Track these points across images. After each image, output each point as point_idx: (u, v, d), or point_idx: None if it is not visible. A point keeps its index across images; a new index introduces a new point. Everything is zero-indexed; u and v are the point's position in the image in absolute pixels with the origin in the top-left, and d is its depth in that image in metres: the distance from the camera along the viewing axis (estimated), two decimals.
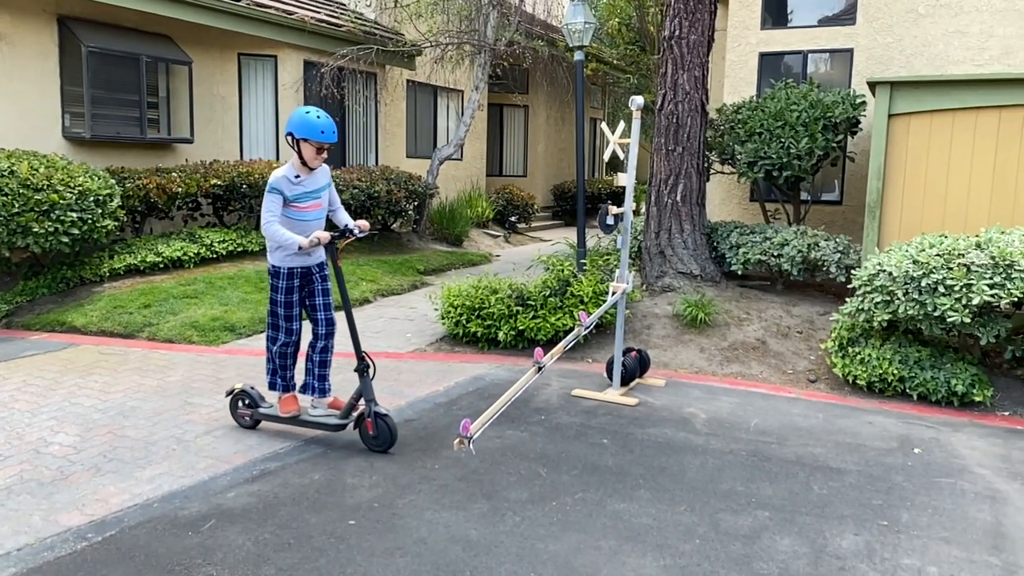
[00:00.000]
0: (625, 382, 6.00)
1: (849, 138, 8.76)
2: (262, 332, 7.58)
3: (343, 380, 5.92)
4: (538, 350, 4.77)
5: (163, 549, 3.45)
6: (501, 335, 6.87)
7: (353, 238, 4.66)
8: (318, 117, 4.48)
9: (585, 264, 7.48)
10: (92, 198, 7.90)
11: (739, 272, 8.17)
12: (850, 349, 6.12)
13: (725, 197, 10.31)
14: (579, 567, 3.36)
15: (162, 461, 4.44)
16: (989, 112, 6.86)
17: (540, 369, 4.75)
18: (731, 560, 3.45)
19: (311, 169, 4.63)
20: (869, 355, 5.95)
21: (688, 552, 3.51)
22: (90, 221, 7.87)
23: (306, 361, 4.90)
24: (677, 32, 8.03)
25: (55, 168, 7.89)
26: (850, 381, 6.05)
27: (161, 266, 8.77)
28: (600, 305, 6.91)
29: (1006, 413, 5.64)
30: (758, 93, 9.85)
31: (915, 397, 5.81)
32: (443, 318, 7.26)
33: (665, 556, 3.47)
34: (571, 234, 12.98)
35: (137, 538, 3.55)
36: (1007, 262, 5.45)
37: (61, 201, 7.63)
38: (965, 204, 7.00)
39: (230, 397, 4.97)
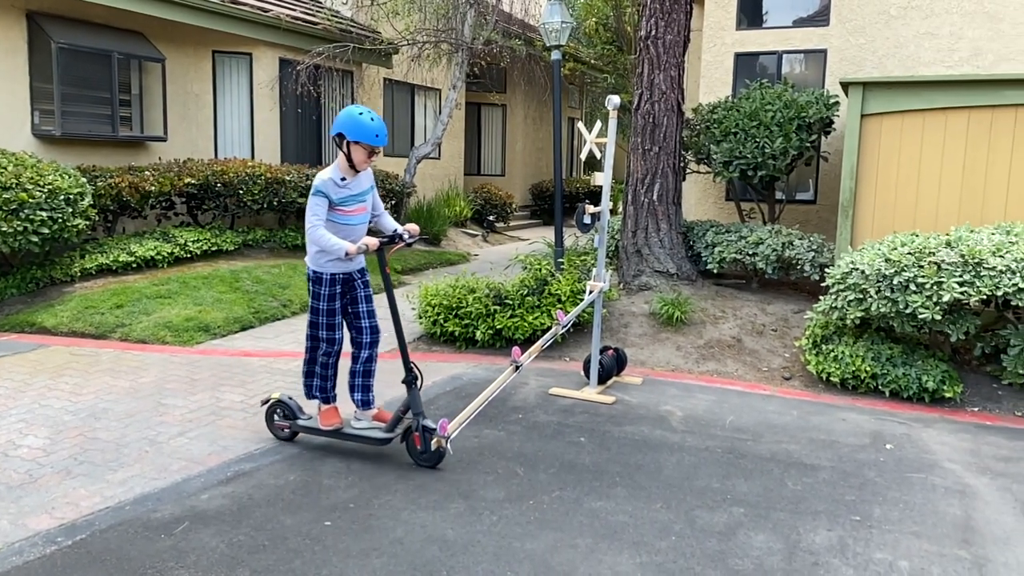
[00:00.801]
0: (602, 380, 6.02)
1: (823, 138, 8.85)
2: (236, 332, 7.52)
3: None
4: (515, 349, 4.78)
5: (135, 552, 3.41)
6: (479, 334, 6.86)
7: (403, 244, 4.47)
8: (372, 120, 4.25)
9: (563, 263, 7.49)
10: (62, 197, 7.78)
11: (715, 271, 8.22)
12: (824, 347, 6.18)
13: (701, 196, 10.37)
14: (556, 565, 3.36)
15: (134, 463, 4.38)
16: (958, 113, 6.96)
17: (517, 368, 4.76)
18: (707, 557, 3.47)
19: (356, 172, 4.41)
20: (842, 352, 6.02)
21: (664, 549, 3.53)
22: (60, 220, 7.75)
23: (349, 372, 4.66)
24: (653, 32, 8.07)
25: (24, 166, 7.76)
26: (824, 378, 6.11)
27: (134, 266, 8.66)
28: (578, 304, 6.93)
29: (975, 409, 5.73)
30: (733, 93, 9.93)
31: (887, 394, 5.89)
32: (420, 317, 7.24)
33: (641, 553, 3.48)
34: (549, 233, 13.00)
35: (108, 541, 3.50)
36: (976, 260, 5.53)
37: (30, 200, 7.50)
38: (936, 203, 7.10)
39: (266, 407, 4.73)
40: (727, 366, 6.58)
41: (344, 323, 4.64)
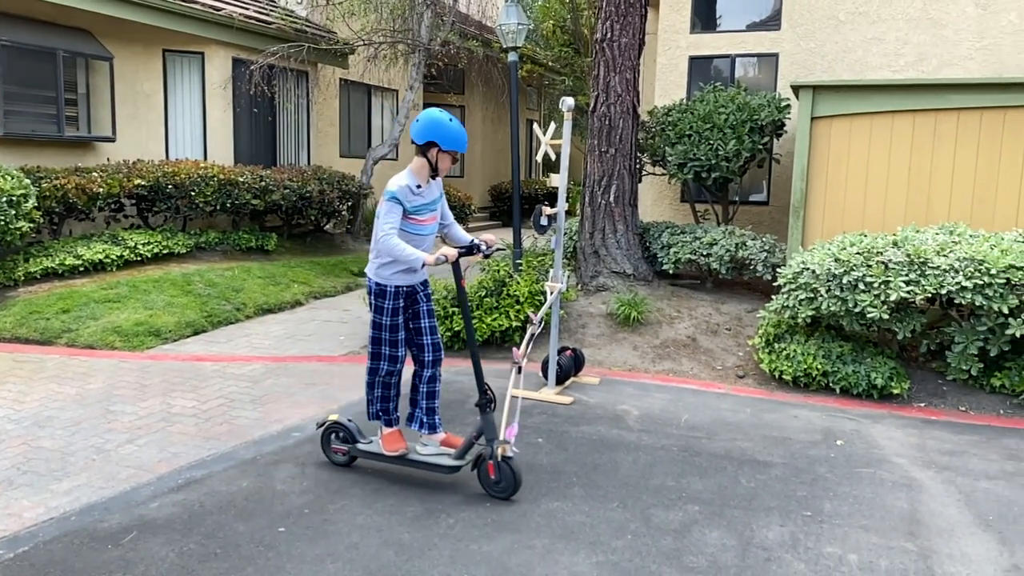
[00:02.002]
0: (560, 381, 6.04)
1: (775, 140, 9.02)
2: (188, 336, 7.37)
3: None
4: (515, 350, 4.62)
5: (80, 564, 3.32)
6: None
7: (481, 255, 4.26)
8: (458, 126, 4.04)
9: (521, 264, 7.50)
10: (4, 199, 7.53)
11: (670, 271, 8.31)
12: (776, 345, 6.29)
13: (657, 198, 10.48)
14: (512, 567, 3.36)
15: (80, 472, 4.26)
16: (904, 116, 7.15)
17: (520, 369, 4.59)
18: (662, 555, 3.50)
19: (432, 179, 4.19)
20: (794, 351, 6.13)
21: (620, 548, 3.55)
22: (2, 223, 7.51)
23: (412, 393, 4.35)
24: (608, 35, 8.13)
25: None
26: (777, 376, 6.22)
27: (81, 269, 8.43)
28: (536, 304, 6.95)
29: (922, 404, 5.88)
30: (688, 96, 10.06)
31: (838, 391, 6.01)
32: None
33: (598, 553, 3.50)
34: (508, 234, 13.00)
35: (52, 553, 3.40)
36: (921, 259, 5.69)
37: None
38: (883, 204, 7.28)
39: (322, 429, 4.43)
40: (683, 365, 6.66)
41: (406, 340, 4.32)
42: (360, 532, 3.64)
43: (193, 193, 9.59)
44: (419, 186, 4.11)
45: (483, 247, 4.25)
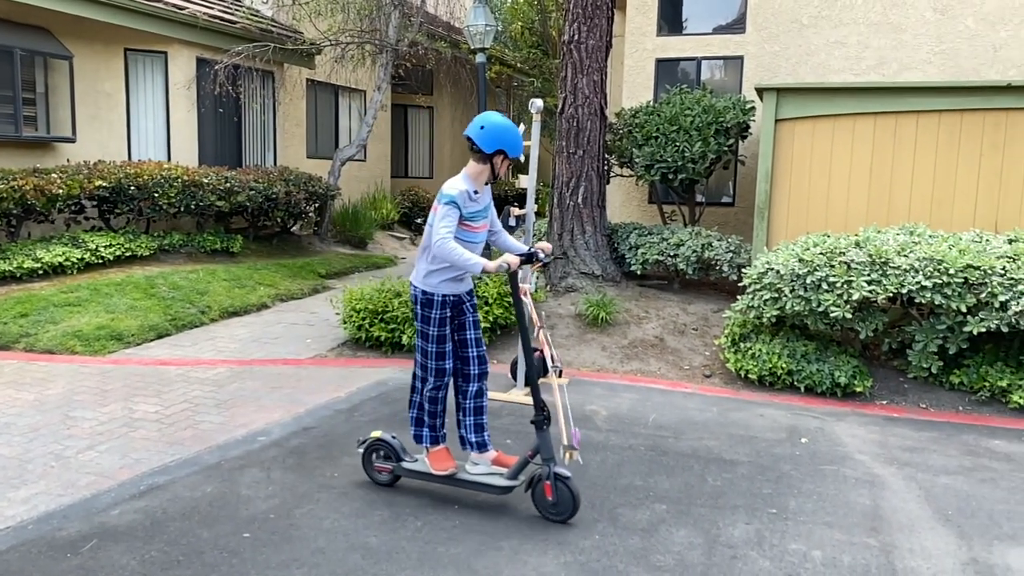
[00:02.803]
0: None
1: (740, 142, 9.12)
2: (152, 340, 7.25)
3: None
4: (546, 352, 4.46)
5: (38, 573, 3.24)
6: (406, 339, 6.79)
7: (540, 264, 4.03)
8: (518, 130, 3.87)
9: None
10: None
11: (638, 272, 8.37)
12: (742, 344, 6.36)
13: (625, 199, 10.55)
14: (480, 569, 3.35)
15: (39, 480, 4.16)
16: (866, 118, 7.28)
17: (561, 372, 4.48)
18: (629, 554, 3.52)
19: (487, 185, 4.00)
20: (760, 350, 6.21)
21: (588, 548, 3.56)
22: None
23: (458, 410, 4.12)
24: (576, 37, 8.16)
25: None
26: (743, 375, 6.29)
27: (40, 273, 8.25)
28: (504, 306, 6.94)
29: (884, 402, 5.99)
30: (655, 98, 10.13)
31: (802, 389, 6.10)
32: (345, 323, 7.13)
33: (565, 553, 3.51)
34: None
35: (8, 563, 3.32)
36: (883, 259, 5.79)
37: None
38: (845, 205, 7.40)
39: (363, 448, 4.18)
40: (650, 365, 6.70)
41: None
42: (326, 536, 3.60)
43: (156, 194, 9.44)
44: (476, 192, 3.90)
45: (541, 255, 4.00)
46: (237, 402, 5.55)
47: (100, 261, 8.77)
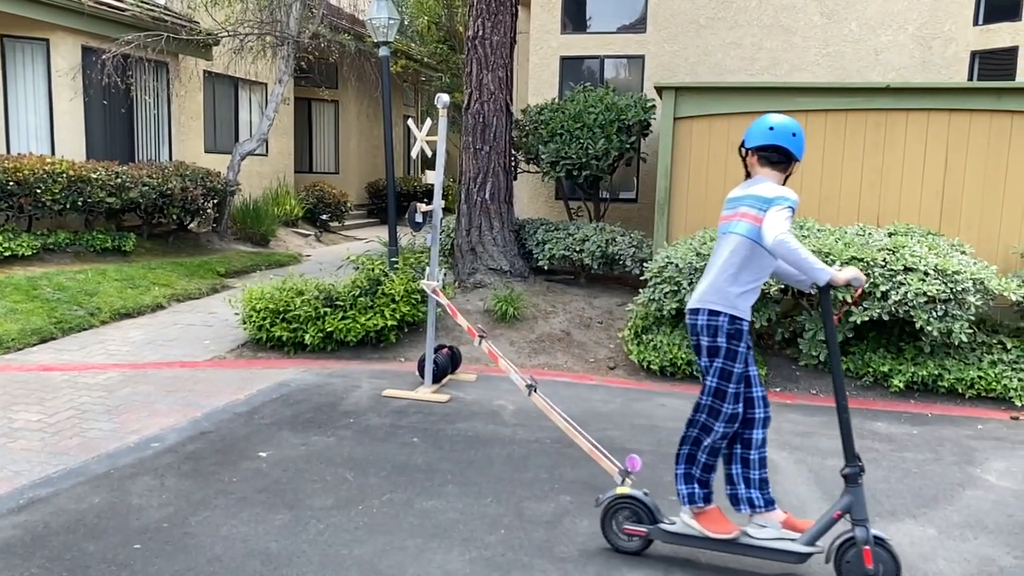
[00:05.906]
0: (437, 379, 6.01)
1: (642, 140, 9.33)
2: (35, 345, 6.83)
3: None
4: (510, 369, 4.31)
5: None
6: (308, 338, 6.64)
7: (860, 291, 3.38)
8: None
9: (397, 263, 7.41)
10: None
11: (545, 267, 8.46)
12: (644, 337, 6.52)
13: (532, 195, 10.63)
14: (384, 569, 3.31)
15: None
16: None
17: (535, 388, 4.30)
18: (534, 546, 3.55)
19: None
20: (661, 341, 6.38)
21: (493, 543, 3.57)
22: None
23: (740, 462, 3.46)
24: (480, 32, 8.16)
25: None
26: (645, 367, 6.44)
27: None
28: (411, 303, 6.88)
29: (778, 389, 6.25)
30: (560, 95, 10.25)
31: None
32: (245, 323, 6.91)
33: (471, 549, 3.50)
34: (386, 232, 12.81)
35: None
36: None
37: None
38: None
39: (603, 506, 3.55)
40: (557, 359, 6.78)
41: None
42: (224, 544, 3.48)
43: (39, 191, 8.89)
44: None
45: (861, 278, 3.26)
46: (129, 407, 5.30)
47: None
